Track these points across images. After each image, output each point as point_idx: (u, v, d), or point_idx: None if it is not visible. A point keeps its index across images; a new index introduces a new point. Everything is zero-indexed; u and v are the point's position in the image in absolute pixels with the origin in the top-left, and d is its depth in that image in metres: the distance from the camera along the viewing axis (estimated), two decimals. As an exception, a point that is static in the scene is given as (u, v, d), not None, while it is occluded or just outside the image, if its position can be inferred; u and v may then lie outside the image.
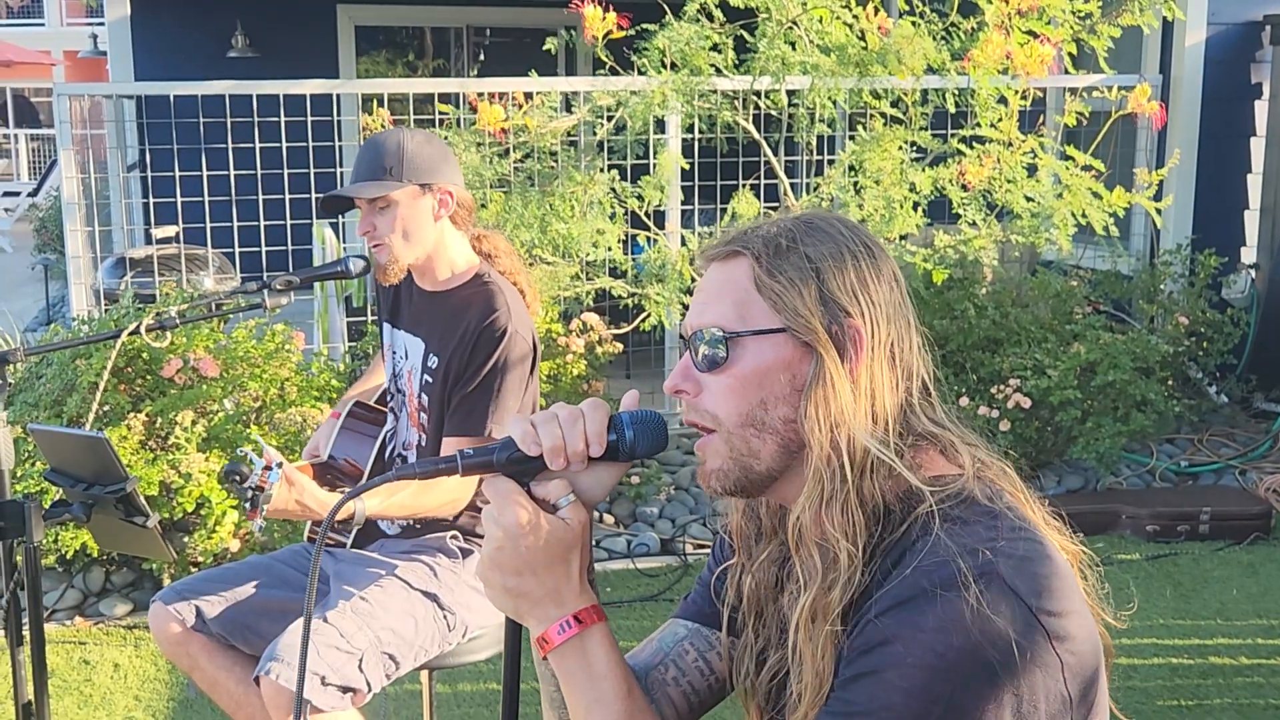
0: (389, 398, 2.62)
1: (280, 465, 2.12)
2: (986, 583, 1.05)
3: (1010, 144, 4.68)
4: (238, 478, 2.08)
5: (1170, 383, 5.16)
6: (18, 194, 15.89)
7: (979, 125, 4.68)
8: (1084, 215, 4.64)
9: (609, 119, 4.79)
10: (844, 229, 1.21)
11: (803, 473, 1.17)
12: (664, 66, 4.54)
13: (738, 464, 1.18)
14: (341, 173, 5.55)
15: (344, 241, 5.65)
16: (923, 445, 1.18)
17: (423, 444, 2.49)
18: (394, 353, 2.59)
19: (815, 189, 5.00)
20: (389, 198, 2.37)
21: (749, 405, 1.17)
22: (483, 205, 4.60)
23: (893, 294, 1.19)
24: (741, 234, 1.22)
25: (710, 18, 4.54)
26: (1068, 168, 4.73)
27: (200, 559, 3.73)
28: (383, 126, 4.66)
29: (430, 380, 2.44)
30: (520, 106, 4.74)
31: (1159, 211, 4.95)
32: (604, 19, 4.36)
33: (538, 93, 4.85)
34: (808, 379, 1.15)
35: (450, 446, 2.36)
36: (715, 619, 1.36)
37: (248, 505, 2.10)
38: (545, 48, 4.75)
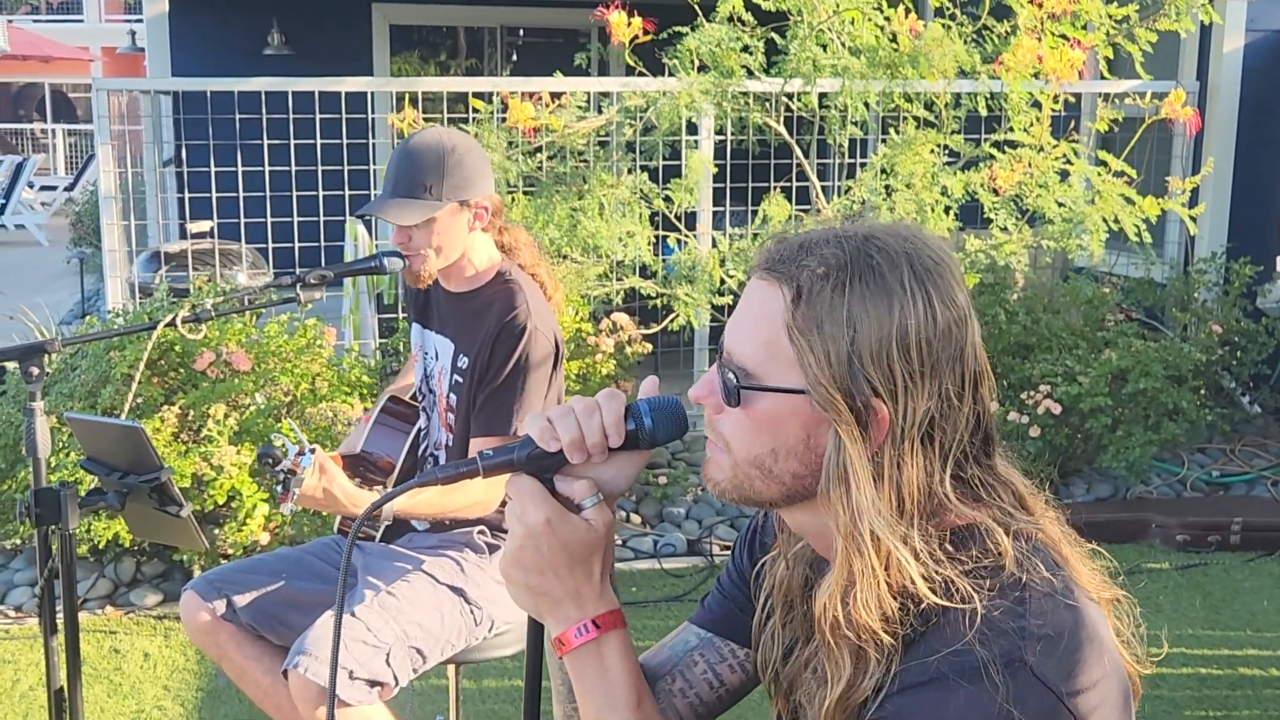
0: (420, 397, 2.64)
1: (314, 450, 2.14)
2: (1012, 674, 1.00)
3: (1042, 149, 4.65)
4: (270, 460, 2.10)
5: (1203, 392, 5.11)
6: (54, 188, 16.07)
7: (1011, 129, 4.66)
8: (1116, 221, 4.61)
9: (639, 120, 4.80)
10: (907, 274, 1.07)
11: (813, 509, 1.13)
12: (694, 68, 4.54)
13: (738, 490, 1.14)
14: (375, 170, 5.58)
15: (375, 238, 5.68)
16: (949, 509, 1.10)
17: (450, 444, 2.50)
18: (425, 353, 2.61)
19: (847, 191, 4.99)
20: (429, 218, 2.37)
21: (759, 450, 1.11)
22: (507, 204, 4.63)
23: (945, 355, 1.07)
24: (796, 253, 1.10)
25: (742, 21, 4.55)
26: (1100, 173, 4.70)
27: (230, 551, 3.76)
28: (411, 125, 4.68)
29: (460, 381, 2.45)
30: (548, 107, 4.76)
31: (1193, 219, 4.91)
32: (629, 24, 4.39)
33: (567, 93, 4.87)
34: (826, 451, 1.08)
35: (477, 446, 2.37)
36: (729, 627, 1.34)
37: (279, 489, 2.12)
38: (576, 63, 4.79)
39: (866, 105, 4.66)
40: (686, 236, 5.01)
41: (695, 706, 1.32)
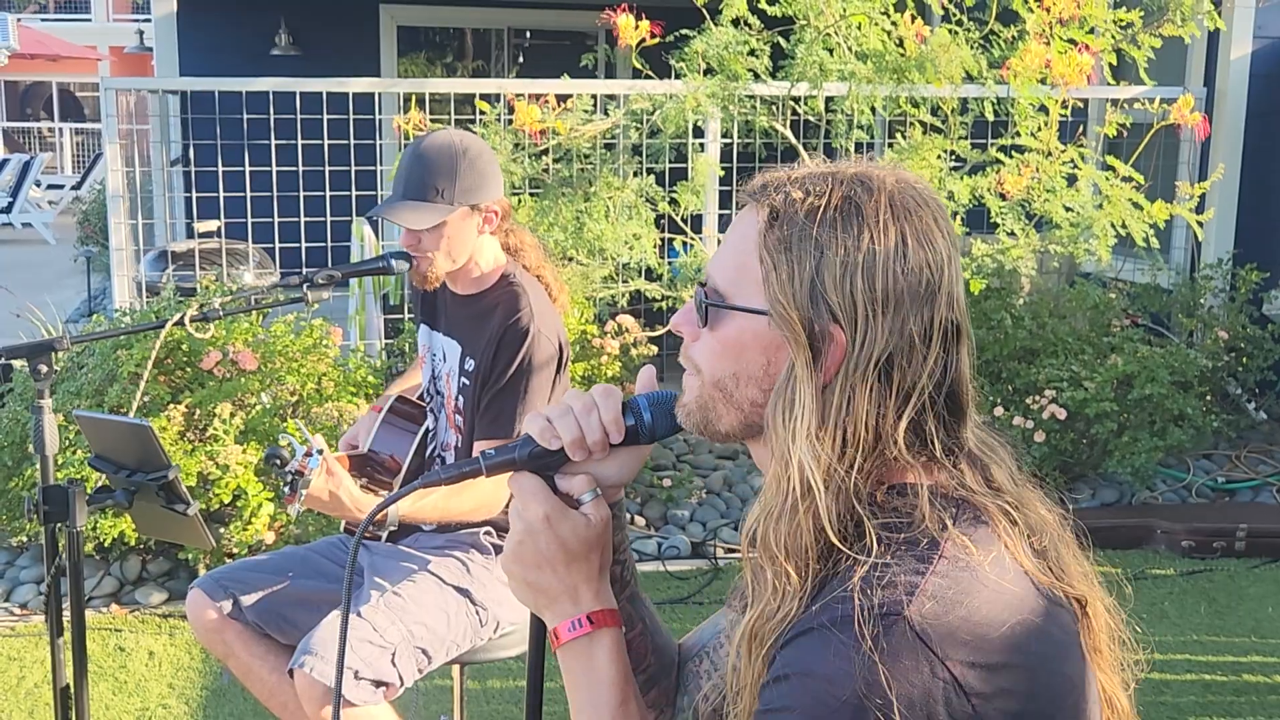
0: (428, 398, 2.64)
1: (321, 452, 2.14)
2: (886, 626, 0.95)
3: (1050, 154, 4.65)
4: (278, 461, 2.10)
5: (1208, 398, 5.11)
6: (61, 187, 16.11)
7: (1018, 134, 4.66)
8: (1124, 226, 4.61)
9: (645, 123, 4.81)
10: (884, 208, 1.05)
11: (770, 446, 1.10)
12: (701, 71, 4.55)
13: (701, 414, 1.14)
14: (382, 170, 5.59)
15: (381, 239, 5.70)
16: (899, 463, 1.06)
17: (459, 446, 2.51)
18: (433, 355, 2.61)
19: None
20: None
21: (722, 373, 1.11)
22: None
23: (912, 293, 1.04)
24: (781, 178, 1.10)
25: (748, 25, 4.56)
26: (1108, 178, 4.70)
27: (235, 550, 3.77)
28: (416, 128, 4.69)
29: (467, 383, 2.45)
30: (553, 110, 4.77)
31: (1200, 224, 4.91)
32: (636, 28, 4.40)
33: (574, 95, 4.88)
34: (780, 375, 1.07)
35: (481, 449, 2.36)
36: None
37: (286, 489, 2.11)
38: (582, 64, 4.79)
39: (873, 110, 4.66)
40: (693, 239, 5.01)
41: (720, 688, 1.31)
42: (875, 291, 1.03)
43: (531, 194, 4.83)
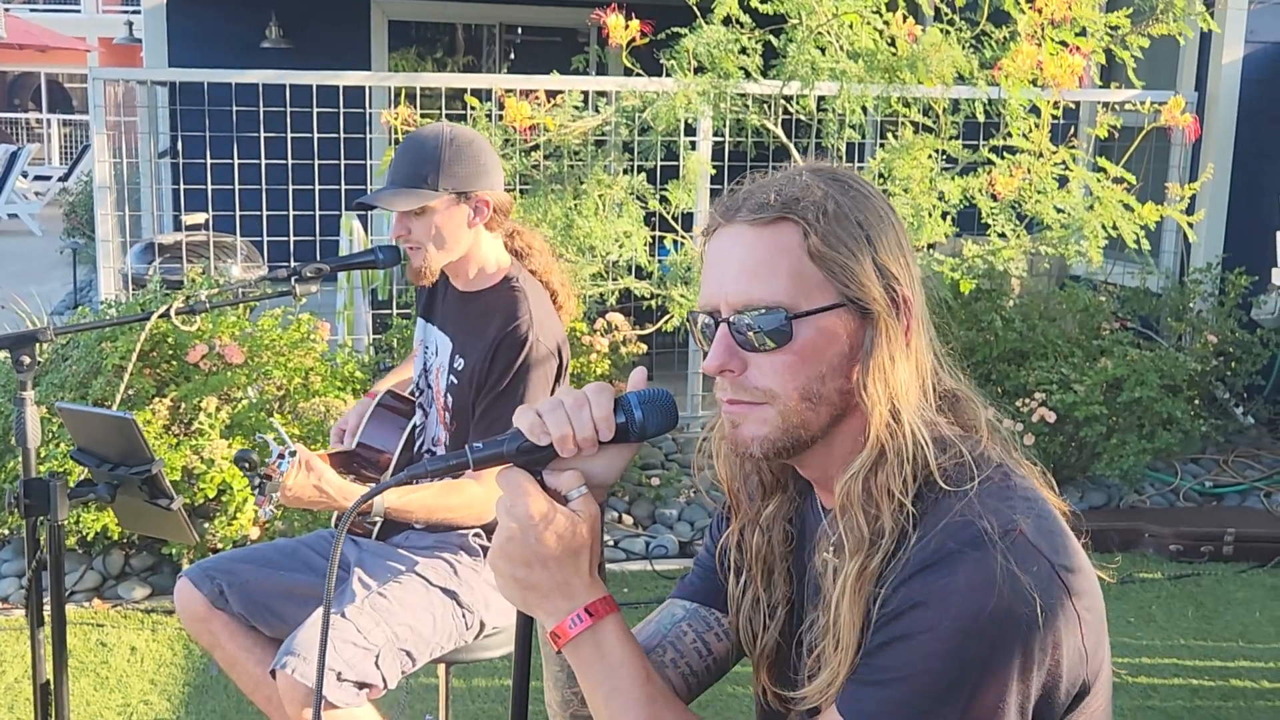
0: (418, 392, 2.62)
1: (293, 454, 2.11)
2: (1011, 541, 1.07)
3: (1041, 155, 4.65)
4: (247, 465, 2.08)
5: (1197, 402, 5.11)
6: (49, 178, 16.03)
7: (1010, 135, 4.66)
8: (1114, 227, 4.61)
9: (635, 120, 4.79)
10: (871, 189, 1.21)
11: (834, 438, 1.18)
12: (691, 70, 4.53)
13: (788, 434, 1.17)
14: (371, 165, 5.56)
15: (371, 234, 5.67)
16: (945, 400, 1.21)
17: (449, 443, 2.49)
18: (426, 348, 2.59)
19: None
20: (424, 206, 2.36)
21: (806, 380, 1.16)
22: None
23: (912, 250, 1.22)
24: (780, 198, 1.17)
25: (740, 23, 4.54)
26: (1099, 179, 4.70)
27: (219, 545, 3.74)
28: (405, 122, 4.66)
29: (455, 381, 2.43)
30: (543, 107, 4.75)
31: (1190, 226, 4.91)
32: (626, 27, 4.38)
33: (563, 91, 4.86)
34: (865, 349, 1.16)
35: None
36: (713, 597, 1.36)
37: (257, 492, 2.10)
38: (573, 67, 4.76)
39: (864, 109, 4.65)
40: (684, 237, 5.00)
41: (686, 676, 1.34)
42: (904, 253, 1.19)
43: (521, 190, 4.81)
